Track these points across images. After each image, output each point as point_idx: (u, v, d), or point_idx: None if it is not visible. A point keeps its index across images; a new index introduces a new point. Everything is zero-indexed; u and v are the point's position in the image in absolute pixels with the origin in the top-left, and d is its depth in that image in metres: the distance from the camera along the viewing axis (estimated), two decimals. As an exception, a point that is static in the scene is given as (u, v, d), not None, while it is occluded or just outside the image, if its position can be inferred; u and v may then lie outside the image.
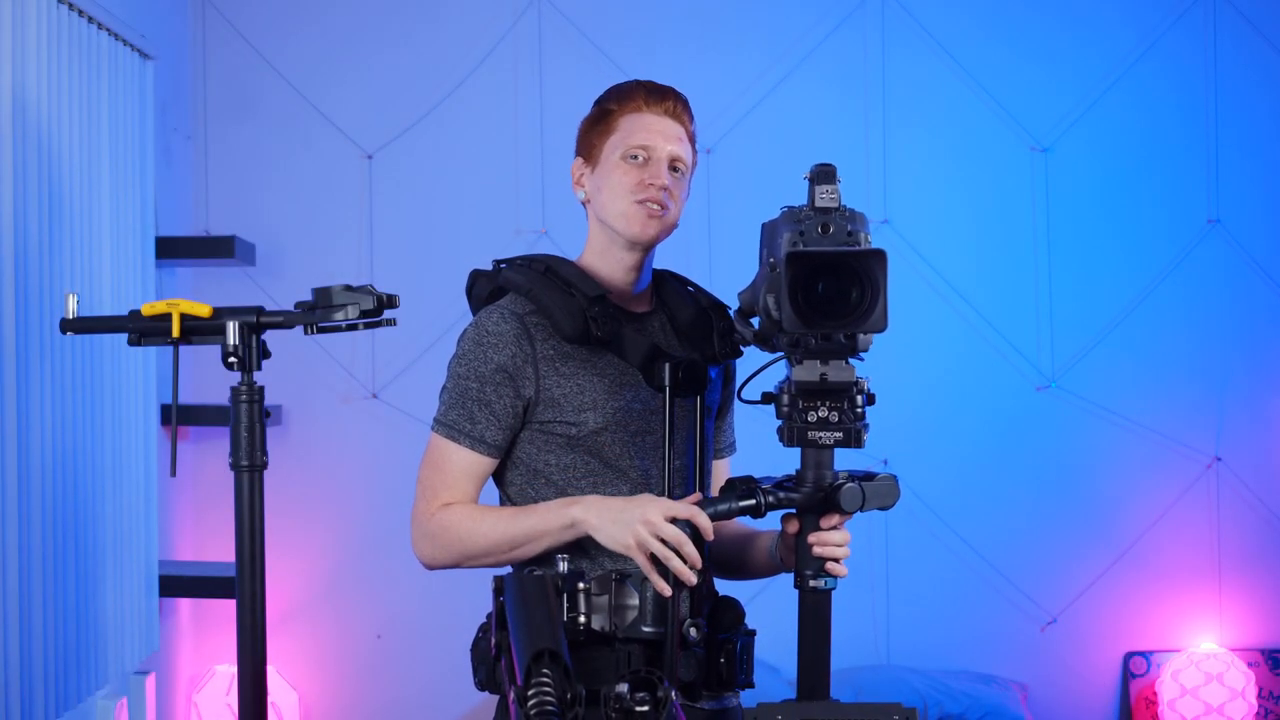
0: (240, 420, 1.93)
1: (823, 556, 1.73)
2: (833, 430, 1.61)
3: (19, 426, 2.74)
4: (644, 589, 1.82)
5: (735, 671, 1.89)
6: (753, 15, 4.09)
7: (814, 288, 1.56)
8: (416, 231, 4.09)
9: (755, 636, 1.96)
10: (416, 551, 1.97)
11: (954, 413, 4.07)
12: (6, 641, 2.70)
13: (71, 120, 3.01)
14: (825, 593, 1.66)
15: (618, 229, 1.97)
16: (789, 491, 1.70)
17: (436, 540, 1.94)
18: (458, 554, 1.93)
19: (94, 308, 3.11)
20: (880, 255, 1.56)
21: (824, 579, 1.67)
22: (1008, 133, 4.09)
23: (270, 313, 1.95)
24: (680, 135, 2.00)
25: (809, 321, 1.56)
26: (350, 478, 4.09)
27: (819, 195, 1.60)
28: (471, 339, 1.96)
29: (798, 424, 1.61)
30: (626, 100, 2.01)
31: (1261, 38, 4.09)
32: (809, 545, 1.70)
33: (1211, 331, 4.09)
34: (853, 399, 1.61)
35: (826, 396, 1.61)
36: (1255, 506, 4.07)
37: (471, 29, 4.09)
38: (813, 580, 1.67)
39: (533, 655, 1.30)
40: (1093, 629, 4.09)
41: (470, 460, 1.94)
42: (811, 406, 1.61)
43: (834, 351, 1.59)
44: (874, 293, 1.56)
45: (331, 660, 4.09)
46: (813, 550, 1.72)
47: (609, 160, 1.99)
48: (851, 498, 1.65)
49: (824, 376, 1.60)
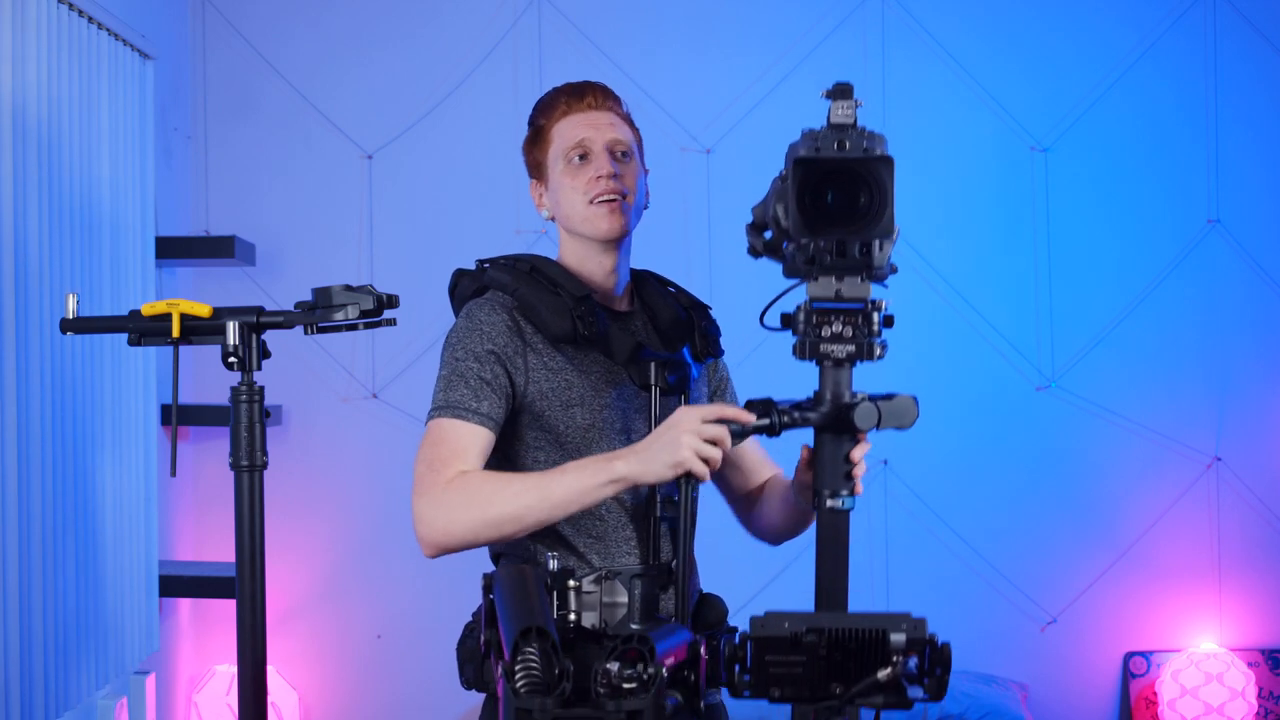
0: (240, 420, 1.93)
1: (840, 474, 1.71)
2: (845, 344, 1.60)
3: (19, 426, 2.74)
4: (632, 586, 1.83)
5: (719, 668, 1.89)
6: (753, 15, 4.09)
7: (822, 196, 1.55)
8: (416, 231, 4.09)
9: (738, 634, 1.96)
10: (426, 531, 1.84)
11: (954, 413, 4.07)
12: (6, 641, 2.69)
13: (71, 120, 3.01)
14: (843, 513, 1.63)
15: (586, 233, 2.00)
16: (805, 411, 1.68)
17: (454, 508, 1.83)
18: (479, 520, 1.82)
19: (94, 308, 3.11)
20: (888, 161, 1.55)
21: (841, 498, 1.65)
22: (1008, 133, 4.09)
23: (270, 313, 1.95)
24: (611, 120, 2.03)
25: (815, 228, 1.55)
26: (350, 478, 4.09)
27: (835, 112, 1.59)
28: (463, 327, 1.96)
29: (811, 338, 1.59)
30: (550, 111, 2.05)
31: (1261, 38, 4.09)
32: (825, 464, 1.68)
33: (1212, 331, 4.08)
34: (868, 315, 1.59)
35: (841, 312, 1.60)
36: (1255, 506, 4.06)
37: (471, 29, 4.09)
38: (830, 500, 1.64)
39: (520, 631, 1.29)
40: (1093, 629, 4.09)
41: (478, 434, 1.89)
42: (825, 321, 1.60)
43: (849, 268, 1.58)
44: (882, 199, 1.54)
45: (331, 660, 4.09)
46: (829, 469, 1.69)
47: (554, 171, 2.02)
48: (866, 416, 1.62)
49: (839, 293, 1.59)
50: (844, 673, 1.37)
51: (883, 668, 1.36)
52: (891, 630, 1.36)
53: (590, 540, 1.95)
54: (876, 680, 1.36)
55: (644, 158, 2.09)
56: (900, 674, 1.36)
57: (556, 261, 2.04)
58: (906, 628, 1.37)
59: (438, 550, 1.85)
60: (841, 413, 1.63)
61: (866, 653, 1.36)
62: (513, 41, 4.08)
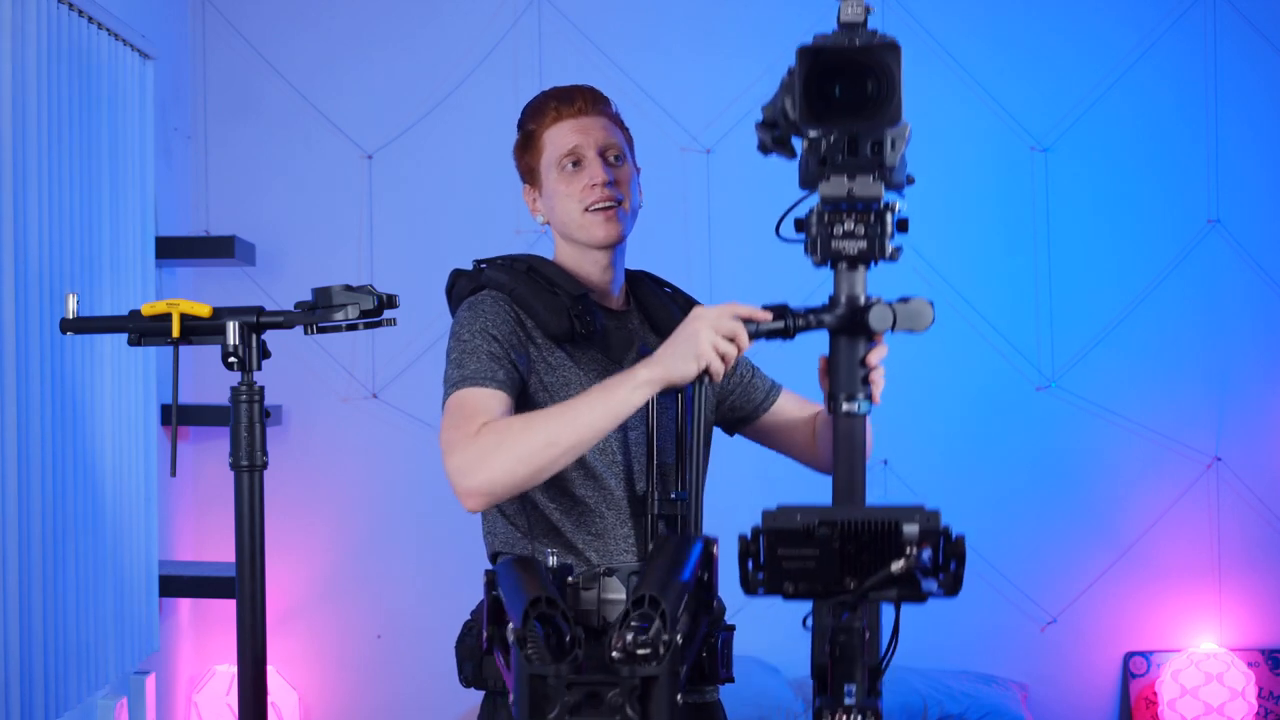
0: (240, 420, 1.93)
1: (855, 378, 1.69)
2: (857, 241, 1.59)
3: (19, 426, 2.74)
4: (630, 584, 1.83)
5: (716, 665, 1.89)
6: (752, 15, 4.09)
7: (829, 88, 1.54)
8: (416, 231, 4.09)
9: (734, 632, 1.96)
10: (465, 481, 1.79)
11: (954, 413, 4.07)
12: (6, 641, 2.69)
13: (71, 120, 3.01)
14: (859, 417, 1.62)
15: (582, 240, 2.02)
16: (820, 313, 1.66)
17: (487, 451, 1.78)
18: (513, 458, 1.77)
19: (94, 308, 3.11)
20: (894, 48, 1.53)
21: (857, 402, 1.62)
22: (1008, 133, 4.09)
23: (270, 313, 1.95)
24: (602, 125, 2.03)
25: (823, 118, 1.54)
26: (350, 478, 4.09)
27: (845, 10, 1.58)
28: (469, 315, 1.96)
29: (823, 238, 1.58)
30: (540, 116, 2.05)
31: (1261, 38, 4.09)
32: (841, 367, 1.65)
33: (1211, 331, 4.09)
34: (881, 215, 1.58)
35: (853, 211, 1.59)
36: (1255, 506, 4.06)
37: (471, 29, 4.09)
38: (846, 403, 1.61)
39: (530, 599, 1.29)
40: (1093, 629, 4.09)
41: (497, 396, 1.87)
42: (838, 220, 1.59)
43: (861, 166, 1.57)
44: (889, 86, 1.53)
45: (331, 660, 4.09)
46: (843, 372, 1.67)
47: (548, 179, 2.04)
48: (881, 317, 1.60)
49: (851, 192, 1.58)
50: (858, 566, 1.35)
51: (896, 560, 1.34)
52: (905, 522, 1.35)
53: (589, 538, 1.96)
54: (890, 573, 1.34)
55: (635, 157, 2.09)
56: (914, 566, 1.34)
57: (553, 261, 2.05)
58: (919, 519, 1.35)
59: (481, 499, 1.80)
60: (856, 315, 1.61)
61: (880, 545, 1.34)
62: (513, 41, 4.08)
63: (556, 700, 1.22)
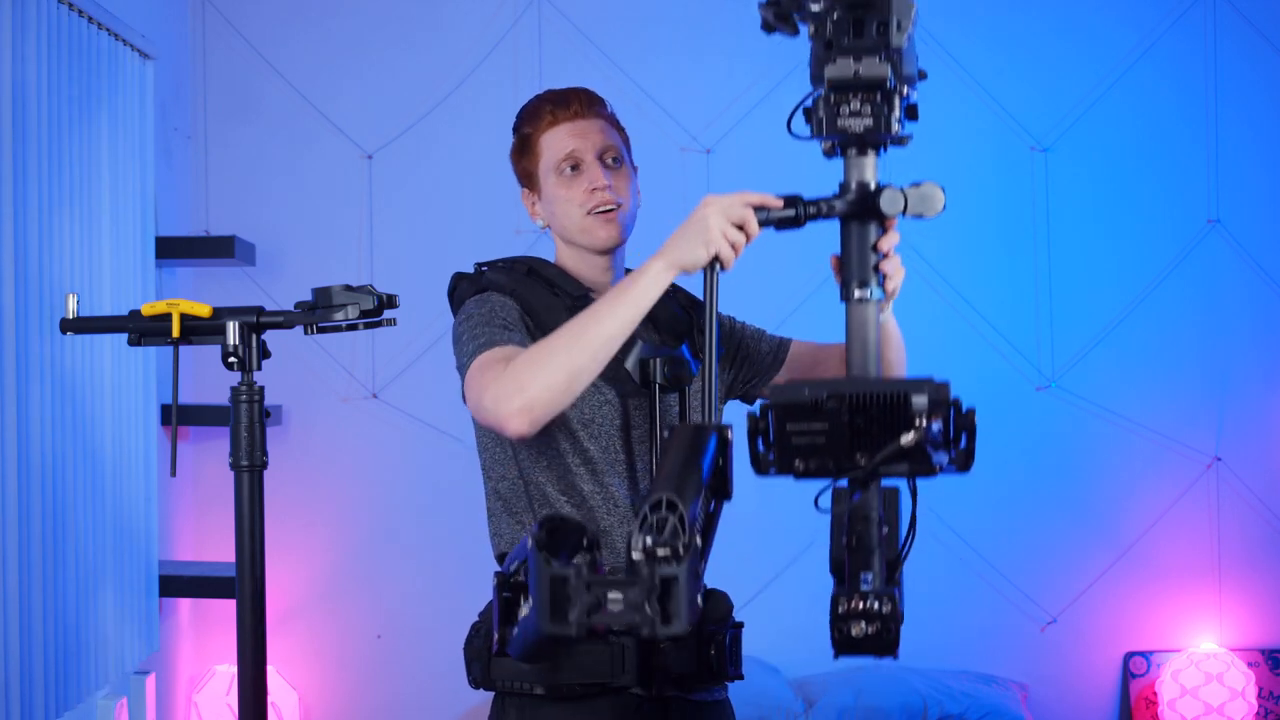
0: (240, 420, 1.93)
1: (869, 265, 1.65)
2: (864, 119, 1.58)
3: (19, 426, 2.74)
4: None
5: (725, 663, 1.89)
6: (752, 15, 4.06)
7: None
8: (416, 231, 4.09)
9: (743, 629, 1.96)
10: (504, 407, 1.77)
11: (954, 413, 4.07)
12: (6, 641, 2.70)
13: (71, 120, 3.01)
14: (871, 304, 1.59)
15: (583, 244, 2.02)
16: (830, 200, 1.64)
17: (520, 373, 1.78)
18: (547, 370, 1.76)
19: (94, 308, 3.11)
20: None
21: (869, 288, 1.60)
22: (1008, 133, 4.09)
23: (270, 313, 1.95)
24: (599, 128, 2.03)
25: None
26: (350, 478, 4.09)
27: None
28: (475, 305, 1.95)
29: (829, 118, 1.57)
30: (536, 120, 2.05)
31: (1261, 38, 4.09)
32: (853, 254, 1.63)
33: (1211, 331, 4.09)
34: (888, 95, 1.57)
35: (859, 91, 1.59)
36: (1255, 506, 4.06)
37: (471, 29, 4.09)
38: (858, 290, 1.59)
39: (545, 517, 1.30)
40: (1093, 629, 4.09)
41: (520, 348, 1.87)
42: (844, 100, 1.58)
43: (867, 48, 1.56)
44: None
45: (331, 660, 4.09)
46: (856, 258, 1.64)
47: (547, 183, 2.04)
48: (892, 200, 1.59)
49: (857, 73, 1.57)
50: (868, 442, 1.34)
51: (906, 432, 1.32)
52: (914, 393, 1.33)
53: (595, 530, 1.95)
54: (900, 446, 1.33)
55: (632, 156, 2.09)
56: (924, 438, 1.32)
57: (554, 263, 2.06)
58: (929, 390, 1.33)
59: (523, 417, 1.77)
60: (867, 200, 1.59)
61: (889, 418, 1.33)
62: (513, 41, 4.08)
63: (577, 601, 1.22)
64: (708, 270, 1.77)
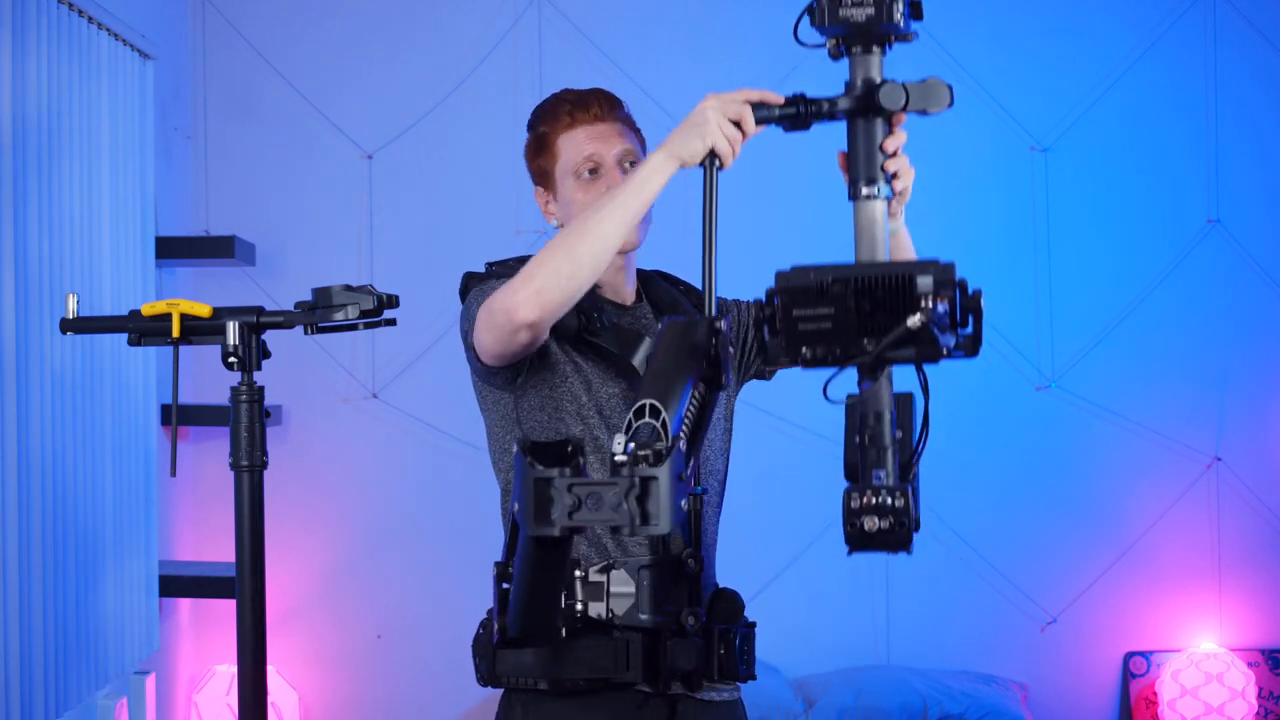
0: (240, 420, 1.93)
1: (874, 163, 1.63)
2: (865, 8, 1.57)
3: (19, 426, 2.74)
4: (640, 577, 1.82)
5: (735, 663, 1.88)
6: (752, 15, 4.09)
7: None
8: (416, 231, 4.09)
9: (755, 629, 1.95)
10: (517, 298, 1.79)
11: (954, 413, 4.07)
12: (6, 641, 2.69)
13: (71, 120, 3.01)
14: (878, 201, 1.58)
15: None
16: (834, 100, 1.63)
17: (527, 276, 1.79)
18: (552, 266, 1.79)
19: (94, 308, 3.11)
20: None
21: (876, 186, 1.59)
22: (1008, 133, 4.09)
23: (270, 313, 1.95)
24: (619, 131, 2.04)
25: None
26: (350, 478, 4.09)
27: None
28: (478, 290, 1.96)
29: (831, 10, 1.56)
30: (554, 119, 2.05)
31: (1261, 38, 4.09)
32: (859, 153, 1.62)
33: (1211, 331, 4.09)
34: None
35: None
36: (1255, 506, 4.06)
37: (471, 30, 4.09)
38: (866, 188, 1.58)
39: (521, 439, 1.32)
40: (1093, 629, 4.08)
41: None
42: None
43: None
44: None
45: (331, 660, 4.09)
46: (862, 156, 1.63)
47: (564, 185, 2.03)
48: (893, 94, 1.57)
49: None
50: (875, 327, 1.33)
51: (912, 314, 1.31)
52: (919, 274, 1.33)
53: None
54: (907, 329, 1.32)
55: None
56: (930, 319, 1.32)
57: None
58: (934, 271, 1.33)
59: (534, 304, 1.79)
60: (871, 96, 1.57)
61: (895, 301, 1.32)
62: (513, 41, 4.08)
63: (559, 503, 1.25)
64: (707, 166, 1.78)
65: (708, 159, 1.78)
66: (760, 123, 1.76)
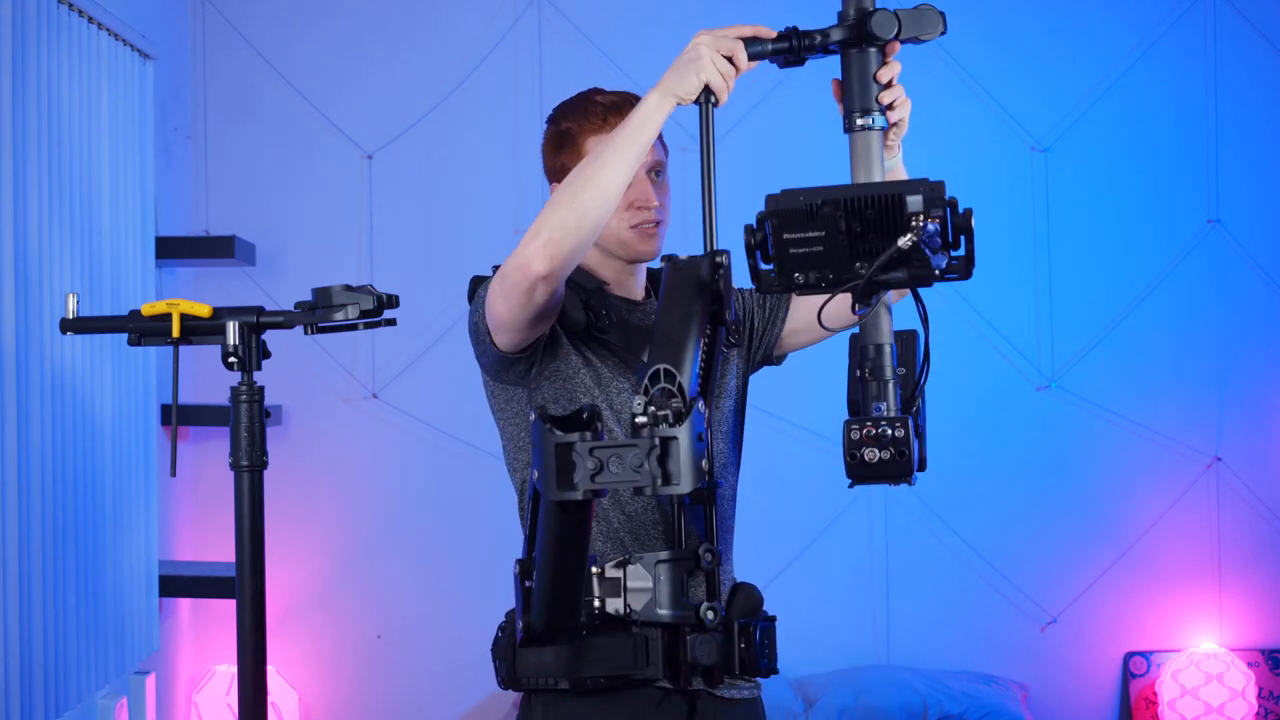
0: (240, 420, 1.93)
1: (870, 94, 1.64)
2: None
3: (19, 426, 2.74)
4: (658, 572, 1.81)
5: (756, 657, 1.85)
6: (752, 15, 4.07)
7: None
8: (416, 231, 4.09)
9: (776, 622, 1.93)
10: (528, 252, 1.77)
11: (954, 413, 4.07)
12: (6, 641, 2.70)
13: (71, 120, 3.01)
14: (874, 132, 1.58)
15: (619, 254, 2.02)
16: (827, 31, 1.63)
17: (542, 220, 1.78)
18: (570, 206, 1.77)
19: (94, 308, 3.11)
20: None
21: (871, 116, 1.59)
22: (1008, 133, 4.09)
23: (270, 313, 1.95)
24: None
25: None
26: (350, 478, 4.09)
27: None
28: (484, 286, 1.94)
29: None
30: (584, 119, 2.02)
31: (1261, 38, 4.09)
32: (853, 83, 1.62)
33: (1211, 332, 4.09)
34: None
35: None
36: (1255, 506, 4.06)
37: (471, 30, 4.09)
38: (860, 118, 1.58)
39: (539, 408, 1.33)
40: (1093, 629, 4.09)
41: None
42: None
43: None
44: None
45: (331, 660, 4.09)
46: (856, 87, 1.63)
47: None
48: (885, 22, 1.57)
49: None
50: (866, 250, 1.32)
51: (902, 235, 1.30)
52: (908, 193, 1.32)
53: (623, 517, 1.95)
54: (898, 250, 1.31)
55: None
56: (921, 239, 1.31)
57: None
58: (924, 190, 1.32)
59: (546, 255, 1.77)
60: (864, 25, 1.57)
61: (886, 222, 1.31)
62: (513, 41, 4.08)
63: (581, 467, 1.25)
64: (702, 103, 1.77)
65: (703, 95, 1.76)
66: (753, 58, 1.75)
